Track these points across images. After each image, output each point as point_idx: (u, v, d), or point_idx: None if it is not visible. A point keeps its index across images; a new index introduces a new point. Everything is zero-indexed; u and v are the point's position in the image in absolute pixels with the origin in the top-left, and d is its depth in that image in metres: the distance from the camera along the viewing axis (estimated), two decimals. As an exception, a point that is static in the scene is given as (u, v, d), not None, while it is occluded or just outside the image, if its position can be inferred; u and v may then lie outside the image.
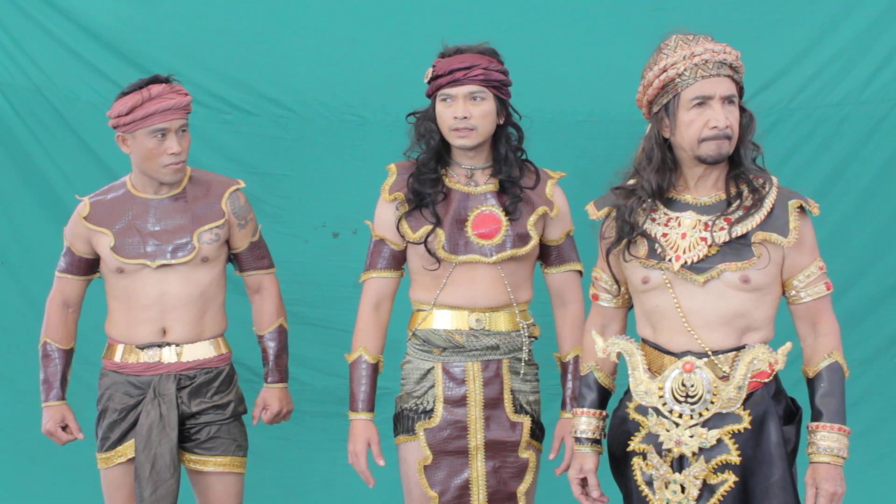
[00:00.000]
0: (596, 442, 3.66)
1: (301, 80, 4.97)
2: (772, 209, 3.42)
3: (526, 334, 3.93)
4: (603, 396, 3.69)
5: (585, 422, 3.66)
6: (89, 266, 4.20)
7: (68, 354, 4.22)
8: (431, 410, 3.88)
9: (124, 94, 4.02)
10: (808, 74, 4.80)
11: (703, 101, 3.38)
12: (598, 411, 3.67)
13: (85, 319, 4.32)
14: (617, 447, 3.57)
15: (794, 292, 3.48)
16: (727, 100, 3.39)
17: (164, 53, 4.91)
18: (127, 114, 3.99)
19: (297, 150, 4.99)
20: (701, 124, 3.38)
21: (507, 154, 3.90)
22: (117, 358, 4.13)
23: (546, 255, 4.00)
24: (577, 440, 3.67)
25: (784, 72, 4.80)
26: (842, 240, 4.82)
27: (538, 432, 3.96)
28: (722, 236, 3.41)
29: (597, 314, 3.72)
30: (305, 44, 4.95)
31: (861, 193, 4.82)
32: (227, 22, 4.96)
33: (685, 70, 3.38)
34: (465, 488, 3.87)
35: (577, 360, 3.94)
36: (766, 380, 3.43)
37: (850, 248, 4.82)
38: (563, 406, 3.97)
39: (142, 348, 4.10)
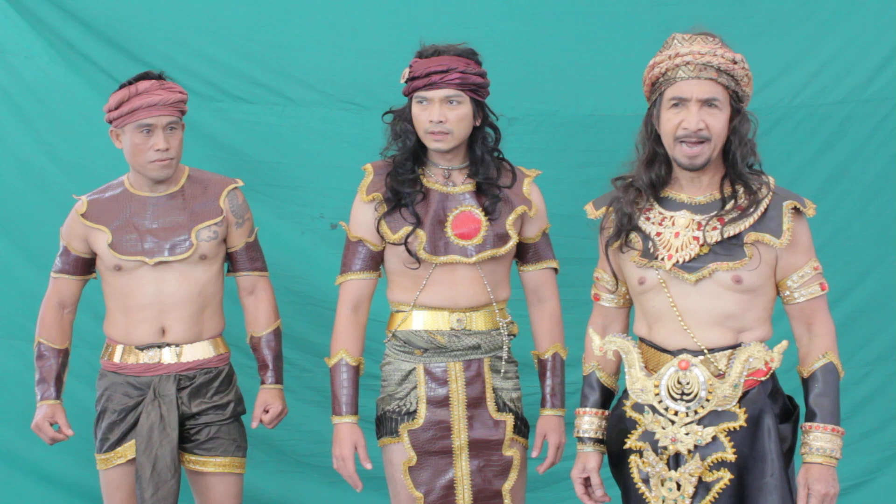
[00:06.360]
0: (599, 441, 3.66)
1: (296, 67, 4.90)
2: (766, 210, 3.43)
3: (506, 333, 3.93)
4: (606, 396, 3.69)
5: (588, 421, 3.67)
6: (86, 266, 4.17)
7: (63, 354, 4.18)
8: (414, 412, 3.87)
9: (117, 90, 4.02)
10: (811, 72, 4.79)
11: (679, 102, 3.41)
12: (600, 411, 3.68)
13: (87, 318, 4.26)
14: (614, 445, 3.59)
15: (787, 293, 3.49)
16: (707, 103, 3.40)
17: (157, 40, 4.84)
18: (115, 108, 4.00)
19: (293, 138, 4.92)
20: (675, 124, 3.41)
21: (483, 156, 3.89)
22: (116, 359, 4.11)
23: (522, 252, 4.00)
24: (580, 440, 3.68)
25: (786, 69, 4.80)
26: (845, 239, 4.81)
27: (523, 428, 3.96)
28: (714, 236, 3.42)
29: (598, 314, 3.73)
30: (301, 30, 4.88)
31: (864, 192, 4.81)
32: (221, 8, 4.88)
33: (667, 70, 3.41)
34: (449, 488, 3.87)
35: (555, 356, 3.96)
36: (763, 378, 3.45)
37: (854, 247, 4.81)
38: (543, 403, 3.98)
39: (141, 349, 4.08)
